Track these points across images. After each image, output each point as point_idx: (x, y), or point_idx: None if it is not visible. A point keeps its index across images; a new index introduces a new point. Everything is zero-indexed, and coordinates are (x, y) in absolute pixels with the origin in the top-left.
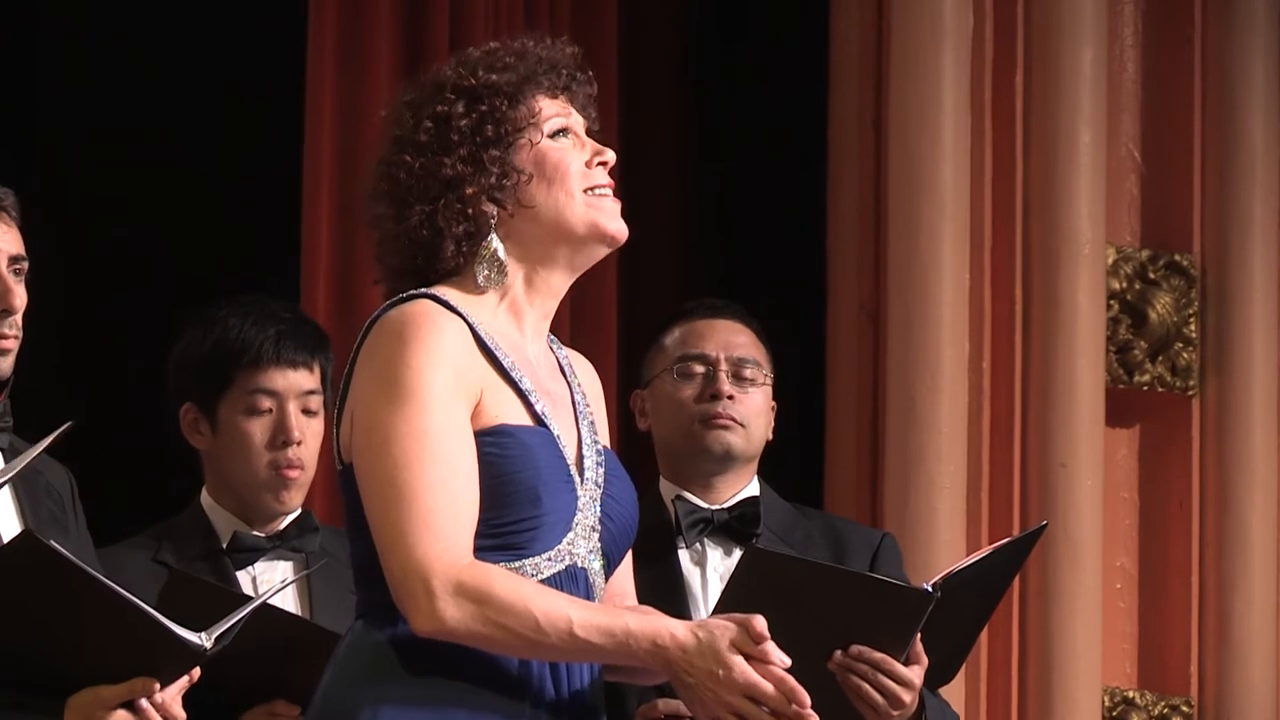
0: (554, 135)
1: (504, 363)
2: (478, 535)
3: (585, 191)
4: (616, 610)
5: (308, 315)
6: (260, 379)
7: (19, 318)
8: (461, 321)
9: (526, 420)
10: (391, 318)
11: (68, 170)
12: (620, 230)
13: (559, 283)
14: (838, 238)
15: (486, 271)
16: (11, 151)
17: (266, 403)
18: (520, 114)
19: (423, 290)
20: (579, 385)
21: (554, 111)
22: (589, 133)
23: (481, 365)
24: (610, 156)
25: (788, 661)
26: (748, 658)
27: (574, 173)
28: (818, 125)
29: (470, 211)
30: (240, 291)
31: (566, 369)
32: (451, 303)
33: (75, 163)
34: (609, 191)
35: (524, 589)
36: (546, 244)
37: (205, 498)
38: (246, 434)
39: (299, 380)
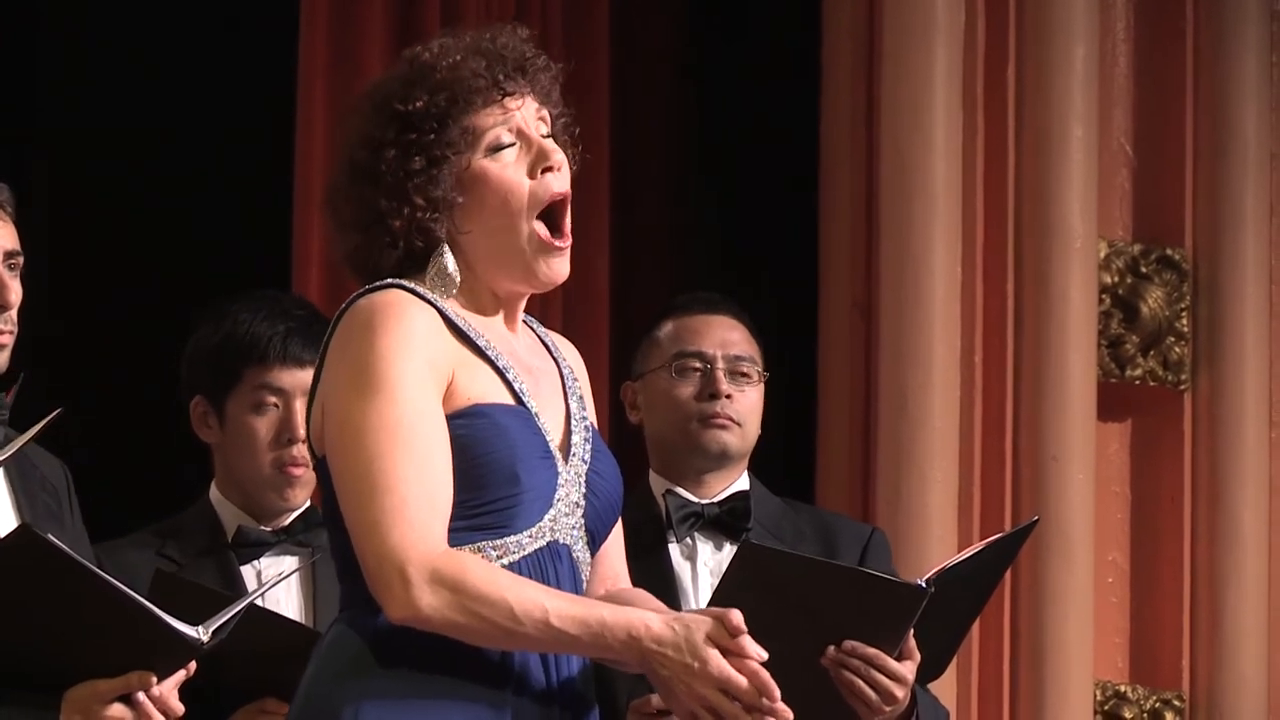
0: (493, 150)
1: (479, 343)
2: (458, 517)
3: (538, 219)
4: (593, 601)
5: (321, 313)
6: (267, 376)
7: (14, 313)
8: (431, 308)
9: (505, 398)
10: (361, 307)
11: (64, 167)
12: (558, 278)
13: (514, 293)
14: (830, 234)
15: (434, 285)
16: (8, 149)
17: (273, 400)
18: (452, 135)
19: (391, 280)
20: (565, 361)
21: (490, 123)
22: (554, 120)
23: (454, 348)
24: (557, 159)
25: (764, 655)
26: (724, 651)
27: (516, 197)
28: (811, 122)
29: (402, 243)
30: (233, 288)
31: (551, 347)
32: (419, 290)
33: (72, 160)
34: (564, 207)
35: (500, 578)
36: (490, 262)
37: (214, 492)
38: (252, 430)
39: (306, 378)
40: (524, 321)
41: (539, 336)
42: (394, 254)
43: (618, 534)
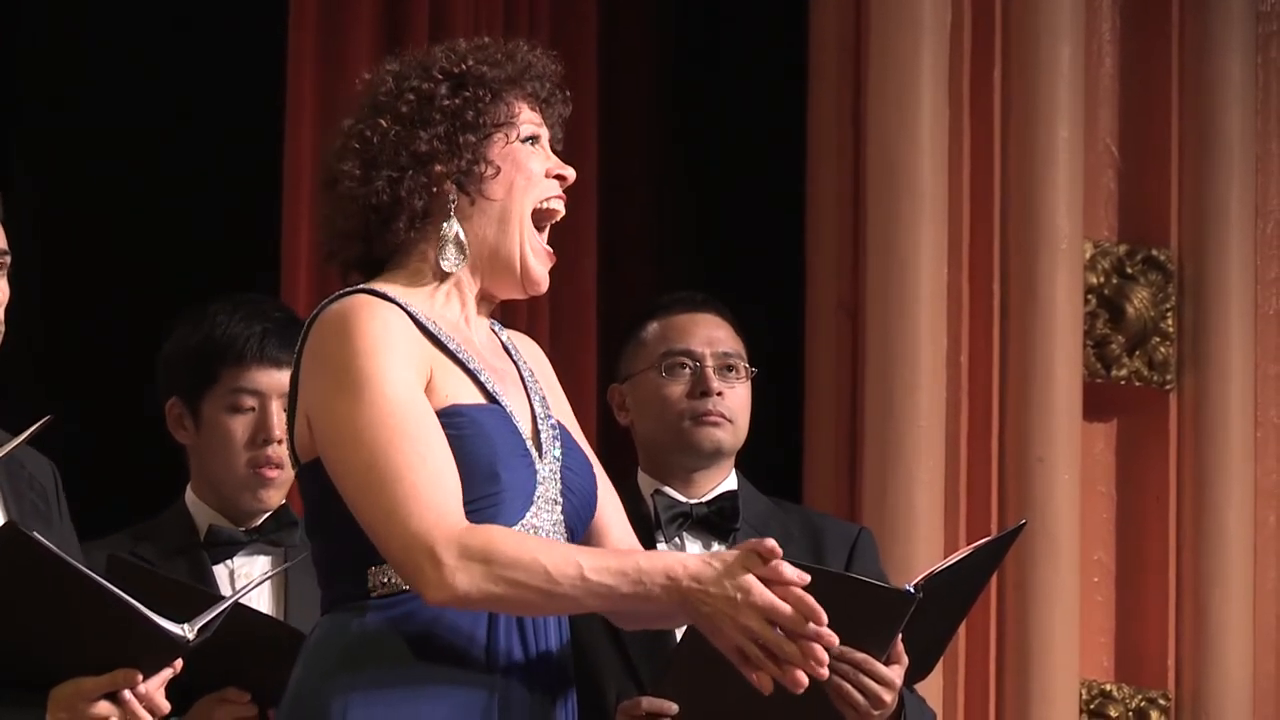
0: (526, 140)
1: (449, 345)
2: None
3: (535, 211)
4: (624, 551)
5: (298, 315)
6: (244, 377)
7: (1, 312)
8: (400, 309)
9: (478, 398)
10: (332, 312)
11: (51, 167)
12: (542, 284)
13: (491, 294)
14: (816, 234)
15: (450, 254)
16: None
17: (249, 401)
18: (499, 111)
19: (358, 286)
20: (525, 363)
21: (530, 117)
22: (554, 152)
23: (427, 348)
24: (570, 174)
25: (805, 579)
26: (764, 581)
27: (534, 184)
28: (797, 121)
29: (434, 189)
30: (220, 290)
31: (510, 348)
32: (388, 294)
33: (59, 160)
34: (558, 204)
35: (528, 542)
36: (488, 250)
37: (189, 494)
38: (228, 431)
39: (283, 379)
40: (489, 325)
41: (499, 338)
42: (422, 201)
43: (618, 511)
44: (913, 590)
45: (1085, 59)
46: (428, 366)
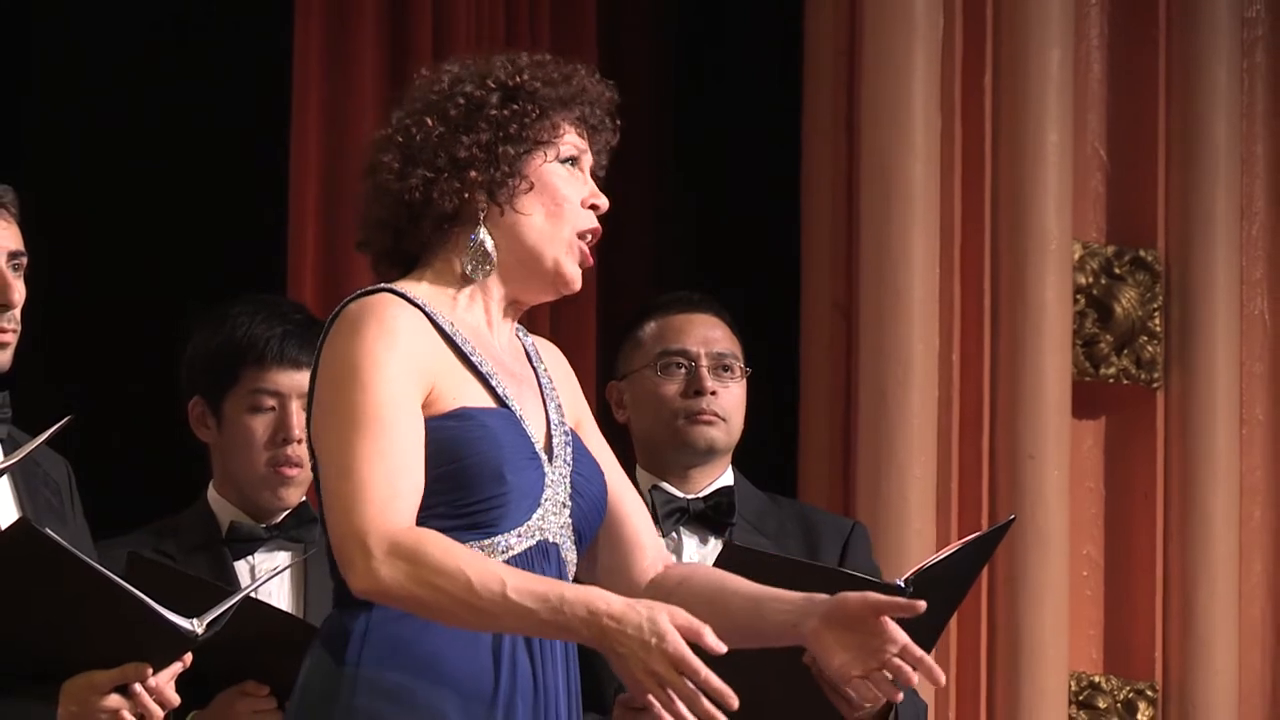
0: (565, 160)
1: (464, 348)
2: (449, 516)
3: (579, 235)
4: (555, 580)
5: (317, 317)
6: (264, 378)
7: (18, 312)
8: (418, 311)
9: (488, 402)
10: (350, 310)
11: (61, 168)
12: (576, 284)
13: (520, 299)
14: (811, 235)
15: (473, 264)
16: (6, 149)
17: (270, 401)
18: (544, 128)
19: (382, 285)
20: (545, 370)
21: (573, 140)
22: (593, 177)
23: (439, 350)
24: (604, 203)
25: (723, 649)
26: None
27: (570, 209)
28: (792, 124)
29: (466, 195)
30: (225, 289)
31: (532, 354)
32: (410, 295)
33: (68, 161)
34: (593, 236)
35: (458, 552)
36: (518, 257)
37: (211, 491)
38: (249, 431)
39: (302, 380)
40: (514, 330)
41: (522, 343)
42: (452, 204)
43: (641, 511)
44: (904, 585)
45: (1074, 64)
46: (434, 370)
